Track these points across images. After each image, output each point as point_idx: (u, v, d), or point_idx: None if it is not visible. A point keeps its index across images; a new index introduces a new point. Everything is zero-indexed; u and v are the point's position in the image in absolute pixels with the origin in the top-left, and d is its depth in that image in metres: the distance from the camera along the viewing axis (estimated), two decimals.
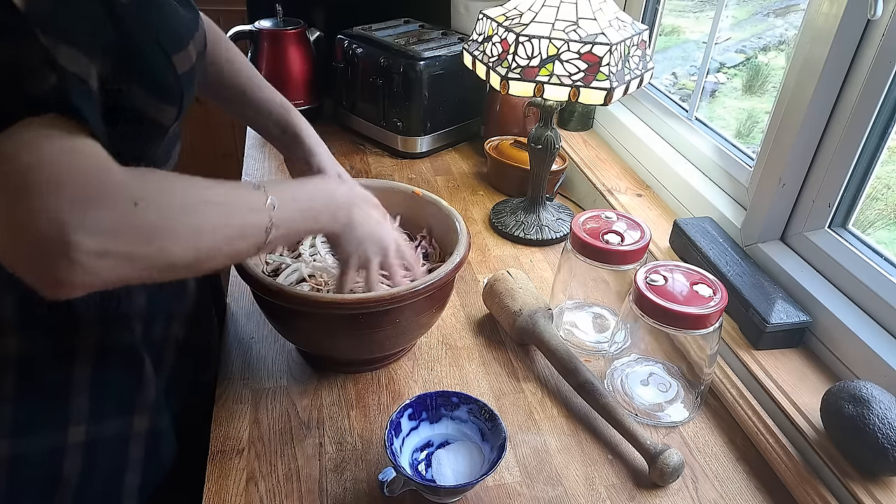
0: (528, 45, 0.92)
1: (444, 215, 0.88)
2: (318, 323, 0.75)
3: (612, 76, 0.91)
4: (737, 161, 1.04)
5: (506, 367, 0.87)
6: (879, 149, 0.81)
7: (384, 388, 0.82)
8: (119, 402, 0.67)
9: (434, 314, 0.82)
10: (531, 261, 1.10)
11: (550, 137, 1.08)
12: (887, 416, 0.65)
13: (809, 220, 0.88)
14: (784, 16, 1.70)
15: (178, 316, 0.76)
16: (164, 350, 0.73)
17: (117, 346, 0.66)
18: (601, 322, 0.97)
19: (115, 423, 0.66)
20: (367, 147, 1.43)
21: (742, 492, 0.72)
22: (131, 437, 0.67)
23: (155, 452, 0.70)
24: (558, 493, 0.70)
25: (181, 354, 0.76)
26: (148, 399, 0.68)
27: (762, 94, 1.63)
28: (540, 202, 1.16)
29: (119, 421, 0.67)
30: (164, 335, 0.73)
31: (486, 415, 0.71)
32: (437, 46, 1.34)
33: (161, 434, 0.70)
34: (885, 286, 0.77)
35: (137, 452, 0.68)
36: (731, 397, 0.81)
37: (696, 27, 1.69)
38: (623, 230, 0.87)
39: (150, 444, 0.69)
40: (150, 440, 0.69)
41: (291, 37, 1.43)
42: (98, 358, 0.64)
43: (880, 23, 0.76)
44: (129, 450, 0.67)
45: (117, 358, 0.66)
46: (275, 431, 0.75)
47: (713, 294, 0.76)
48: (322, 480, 0.70)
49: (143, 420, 0.68)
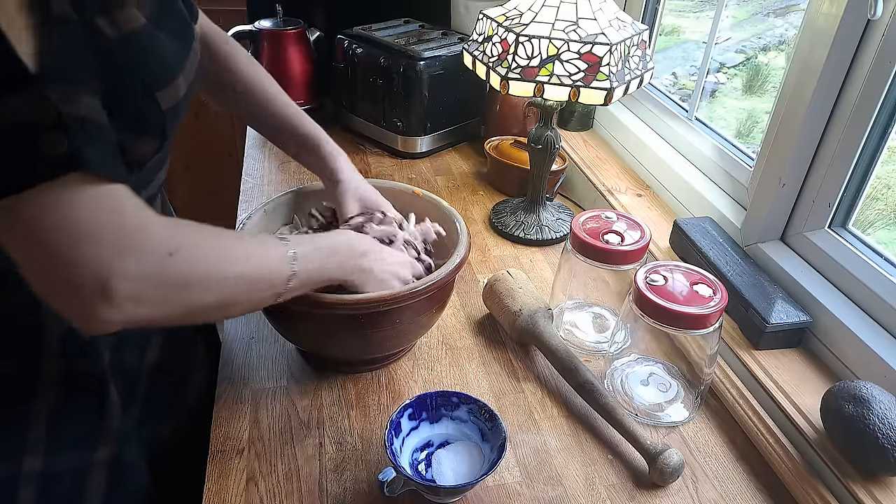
0: (528, 45, 0.92)
1: (444, 215, 0.88)
2: (318, 323, 0.75)
3: (612, 76, 0.91)
4: (737, 161, 1.04)
5: (506, 367, 0.87)
6: (879, 149, 0.81)
7: (384, 388, 0.82)
8: (80, 432, 0.65)
9: (434, 314, 0.82)
10: (531, 261, 1.10)
11: (550, 137, 1.08)
12: (887, 416, 0.65)
13: (809, 220, 0.88)
14: (784, 16, 1.70)
15: (154, 341, 0.74)
16: (137, 377, 0.72)
17: (82, 373, 0.64)
18: (601, 322, 0.97)
19: (74, 454, 0.65)
20: (367, 147, 1.43)
21: (742, 492, 0.72)
22: (93, 466, 0.66)
23: (118, 481, 0.68)
24: (558, 493, 0.70)
25: (158, 379, 0.74)
26: (112, 428, 0.67)
27: (762, 94, 1.63)
28: (540, 202, 1.16)
29: (79, 452, 0.65)
30: (137, 362, 0.72)
31: (486, 415, 0.71)
32: (437, 46, 1.34)
33: (126, 463, 0.69)
34: (885, 286, 0.77)
35: (98, 482, 0.67)
36: (731, 397, 0.81)
37: (696, 27, 1.69)
38: (623, 230, 0.87)
39: (113, 473, 0.68)
40: (114, 469, 0.68)
41: (291, 37, 1.43)
42: (61, 386, 0.63)
43: (880, 23, 0.76)
44: (88, 480, 0.66)
45: (81, 386, 0.64)
46: (275, 431, 0.75)
47: (713, 294, 0.76)
48: (322, 480, 0.70)
49: (105, 449, 0.67)
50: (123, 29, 0.53)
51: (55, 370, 0.62)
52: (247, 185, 1.25)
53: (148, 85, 0.56)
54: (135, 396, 0.71)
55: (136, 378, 0.72)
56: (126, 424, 0.69)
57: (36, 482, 0.62)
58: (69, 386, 0.63)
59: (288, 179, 1.26)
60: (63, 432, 0.64)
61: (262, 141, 1.39)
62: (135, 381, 0.71)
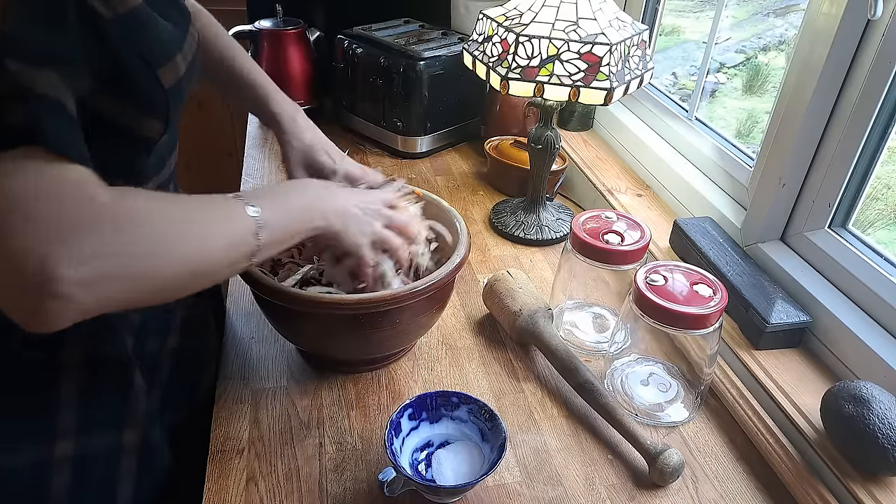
0: (528, 45, 0.92)
1: (444, 215, 0.88)
2: (318, 323, 0.75)
3: (612, 76, 0.91)
4: (737, 161, 1.04)
5: (506, 367, 0.87)
6: (879, 149, 0.81)
7: (384, 388, 0.82)
8: (108, 416, 0.66)
9: (434, 314, 0.82)
10: (531, 261, 1.10)
11: (550, 137, 1.08)
12: (887, 416, 0.65)
13: (809, 220, 0.88)
14: (784, 16, 1.70)
15: (174, 327, 0.75)
16: (160, 362, 0.73)
17: (106, 359, 0.65)
18: (601, 322, 0.97)
19: (105, 437, 0.65)
20: (367, 147, 1.43)
21: (742, 492, 0.72)
22: (122, 450, 0.67)
23: (148, 465, 0.69)
24: (558, 493, 0.70)
25: (178, 365, 0.75)
26: (138, 412, 0.68)
27: (762, 94, 1.63)
28: (540, 202, 1.16)
29: (108, 434, 0.66)
30: (159, 348, 0.73)
31: (486, 415, 0.71)
32: (437, 46, 1.34)
33: (153, 447, 0.70)
34: (885, 286, 0.77)
35: (129, 466, 0.67)
36: (731, 397, 0.81)
37: (696, 27, 1.69)
38: (623, 230, 0.87)
39: (142, 457, 0.68)
40: (142, 453, 0.68)
41: (291, 37, 1.43)
42: (85, 371, 0.63)
43: (880, 23, 0.76)
44: (120, 463, 0.67)
45: (105, 371, 0.65)
46: (275, 431, 0.75)
47: (713, 294, 0.76)
48: (322, 480, 0.70)
49: (133, 433, 0.67)
50: (119, 10, 0.53)
51: (80, 356, 0.63)
52: (247, 185, 1.25)
53: (148, 63, 0.56)
54: (157, 382, 0.72)
55: (158, 363, 0.72)
56: (150, 409, 0.70)
57: (70, 466, 0.63)
58: (95, 371, 0.64)
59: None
60: (93, 416, 0.64)
61: (262, 141, 1.39)
62: (157, 367, 0.72)
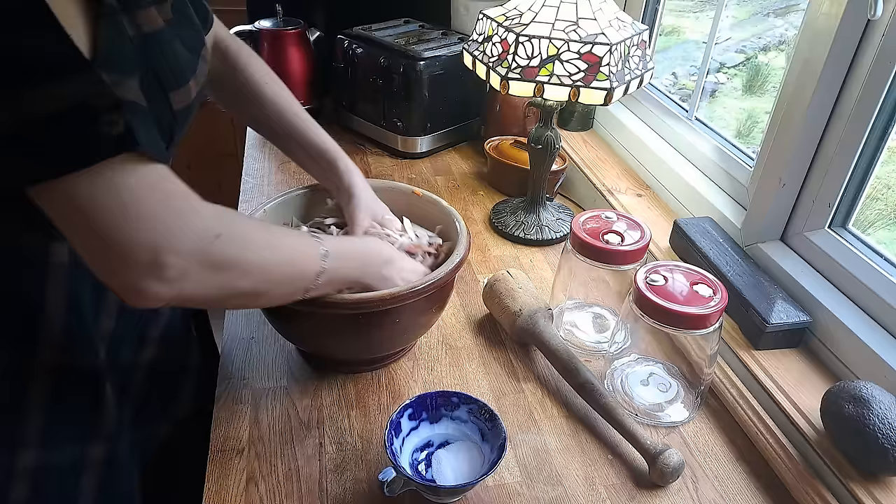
0: (528, 45, 0.92)
1: (444, 215, 0.88)
2: (318, 323, 0.75)
3: (612, 76, 0.91)
4: (737, 161, 1.04)
5: (506, 367, 0.87)
6: (879, 149, 0.81)
7: (384, 388, 0.82)
8: (74, 428, 0.65)
9: (434, 314, 0.82)
10: (531, 261, 1.10)
11: (550, 137, 1.08)
12: (887, 416, 0.65)
13: (809, 220, 0.88)
14: (784, 16, 1.70)
15: (150, 339, 0.74)
16: (132, 375, 0.72)
17: (77, 369, 0.64)
18: (601, 322, 0.97)
19: (69, 449, 0.65)
20: (367, 147, 1.43)
21: (742, 492, 0.72)
22: (85, 466, 0.66)
23: (110, 483, 0.68)
24: (558, 493, 0.70)
25: (153, 378, 0.74)
26: (105, 427, 0.67)
27: (762, 94, 1.63)
28: (540, 202, 1.16)
29: (73, 447, 0.65)
30: (133, 359, 0.72)
31: (486, 415, 0.71)
32: (437, 46, 1.34)
33: (119, 464, 0.69)
34: (885, 286, 0.77)
35: (91, 482, 0.66)
36: (731, 397, 0.81)
37: (696, 27, 1.69)
38: (623, 230, 0.87)
39: (105, 474, 0.67)
40: (105, 470, 0.67)
41: (291, 37, 1.43)
42: (55, 381, 0.62)
43: (880, 23, 0.76)
44: (80, 479, 0.66)
45: (75, 381, 0.64)
46: (275, 431, 0.75)
47: (713, 294, 0.76)
48: (322, 480, 0.70)
49: (99, 448, 0.67)
50: (143, 29, 0.55)
51: (51, 364, 0.62)
52: (247, 184, 1.25)
53: (162, 84, 0.57)
54: (129, 395, 0.71)
55: (130, 376, 0.71)
56: (120, 423, 0.69)
57: (30, 479, 0.62)
58: (65, 380, 0.63)
59: (288, 179, 1.26)
60: (59, 427, 0.64)
61: (262, 141, 1.39)
62: (129, 379, 0.71)
